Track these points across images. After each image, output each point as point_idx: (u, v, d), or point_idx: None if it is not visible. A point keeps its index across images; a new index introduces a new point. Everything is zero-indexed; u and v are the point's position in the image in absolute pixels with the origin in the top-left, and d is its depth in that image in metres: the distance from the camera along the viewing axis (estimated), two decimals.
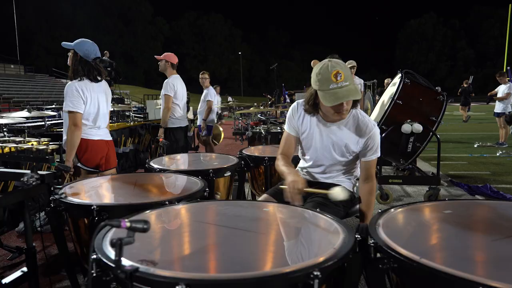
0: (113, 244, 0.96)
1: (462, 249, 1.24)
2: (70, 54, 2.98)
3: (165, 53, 4.69)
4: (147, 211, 1.54)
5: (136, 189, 2.03)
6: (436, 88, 4.29)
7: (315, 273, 1.00)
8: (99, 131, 3.05)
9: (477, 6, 68.98)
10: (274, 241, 1.33)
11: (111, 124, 5.59)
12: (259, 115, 6.40)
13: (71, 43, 2.95)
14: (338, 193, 1.77)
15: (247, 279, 0.96)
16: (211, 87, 6.58)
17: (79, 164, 2.92)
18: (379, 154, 2.09)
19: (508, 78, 8.97)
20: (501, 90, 8.75)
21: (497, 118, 8.79)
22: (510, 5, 26.18)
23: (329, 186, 2.07)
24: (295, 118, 2.15)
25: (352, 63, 6.15)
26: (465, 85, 15.71)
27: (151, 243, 1.29)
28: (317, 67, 1.91)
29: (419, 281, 1.13)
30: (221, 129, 7.15)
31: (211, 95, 6.46)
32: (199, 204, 1.71)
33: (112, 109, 6.24)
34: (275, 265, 1.13)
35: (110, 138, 3.20)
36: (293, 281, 1.01)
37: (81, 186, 2.10)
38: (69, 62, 3.00)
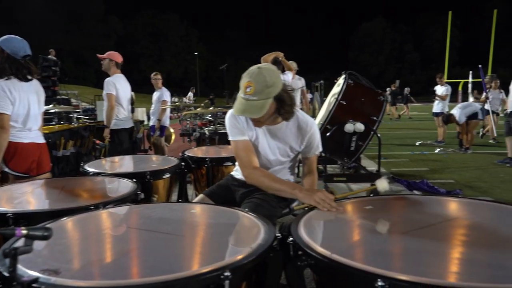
0: (6, 254, 0.90)
1: (377, 244, 1.30)
2: None
3: (108, 52, 4.52)
4: (65, 218, 1.46)
5: (62, 194, 1.93)
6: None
7: (226, 274, 1.00)
8: (30, 133, 2.88)
9: (423, 12, 73.17)
10: (196, 243, 1.31)
11: (51, 126, 5.30)
12: (208, 116, 6.36)
13: None
14: (384, 185, 1.87)
15: (152, 284, 0.93)
16: (164, 87, 6.46)
17: (6, 169, 2.73)
18: (321, 149, 2.12)
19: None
20: (440, 91, 9.36)
21: (435, 118, 9.38)
22: (450, 12, 28.26)
23: None
24: (240, 123, 2.02)
25: (292, 64, 6.26)
26: (393, 88, 18.41)
27: (65, 250, 1.22)
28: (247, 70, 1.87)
29: (332, 276, 1.17)
30: (172, 130, 7.02)
31: (166, 96, 6.35)
32: (125, 208, 1.66)
33: (53, 110, 5.94)
34: (192, 268, 1.11)
35: (43, 141, 3.02)
36: (203, 283, 1.00)
37: (1, 192, 1.96)
38: None
